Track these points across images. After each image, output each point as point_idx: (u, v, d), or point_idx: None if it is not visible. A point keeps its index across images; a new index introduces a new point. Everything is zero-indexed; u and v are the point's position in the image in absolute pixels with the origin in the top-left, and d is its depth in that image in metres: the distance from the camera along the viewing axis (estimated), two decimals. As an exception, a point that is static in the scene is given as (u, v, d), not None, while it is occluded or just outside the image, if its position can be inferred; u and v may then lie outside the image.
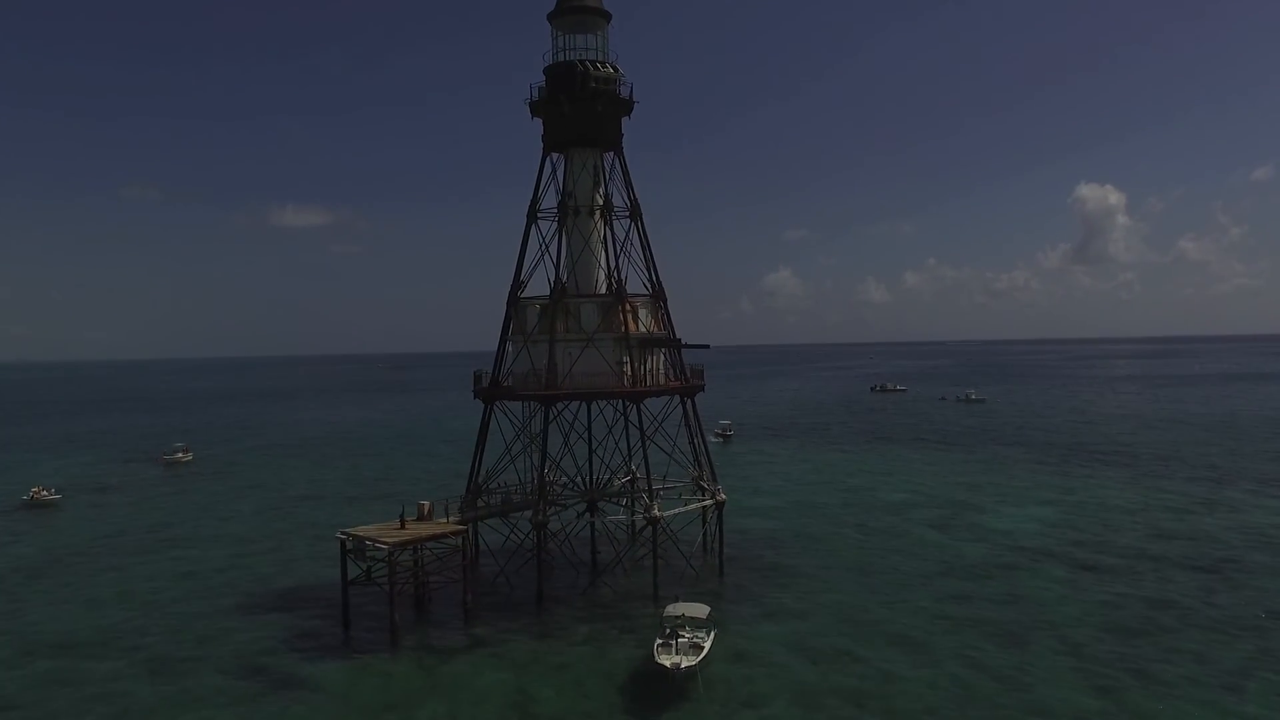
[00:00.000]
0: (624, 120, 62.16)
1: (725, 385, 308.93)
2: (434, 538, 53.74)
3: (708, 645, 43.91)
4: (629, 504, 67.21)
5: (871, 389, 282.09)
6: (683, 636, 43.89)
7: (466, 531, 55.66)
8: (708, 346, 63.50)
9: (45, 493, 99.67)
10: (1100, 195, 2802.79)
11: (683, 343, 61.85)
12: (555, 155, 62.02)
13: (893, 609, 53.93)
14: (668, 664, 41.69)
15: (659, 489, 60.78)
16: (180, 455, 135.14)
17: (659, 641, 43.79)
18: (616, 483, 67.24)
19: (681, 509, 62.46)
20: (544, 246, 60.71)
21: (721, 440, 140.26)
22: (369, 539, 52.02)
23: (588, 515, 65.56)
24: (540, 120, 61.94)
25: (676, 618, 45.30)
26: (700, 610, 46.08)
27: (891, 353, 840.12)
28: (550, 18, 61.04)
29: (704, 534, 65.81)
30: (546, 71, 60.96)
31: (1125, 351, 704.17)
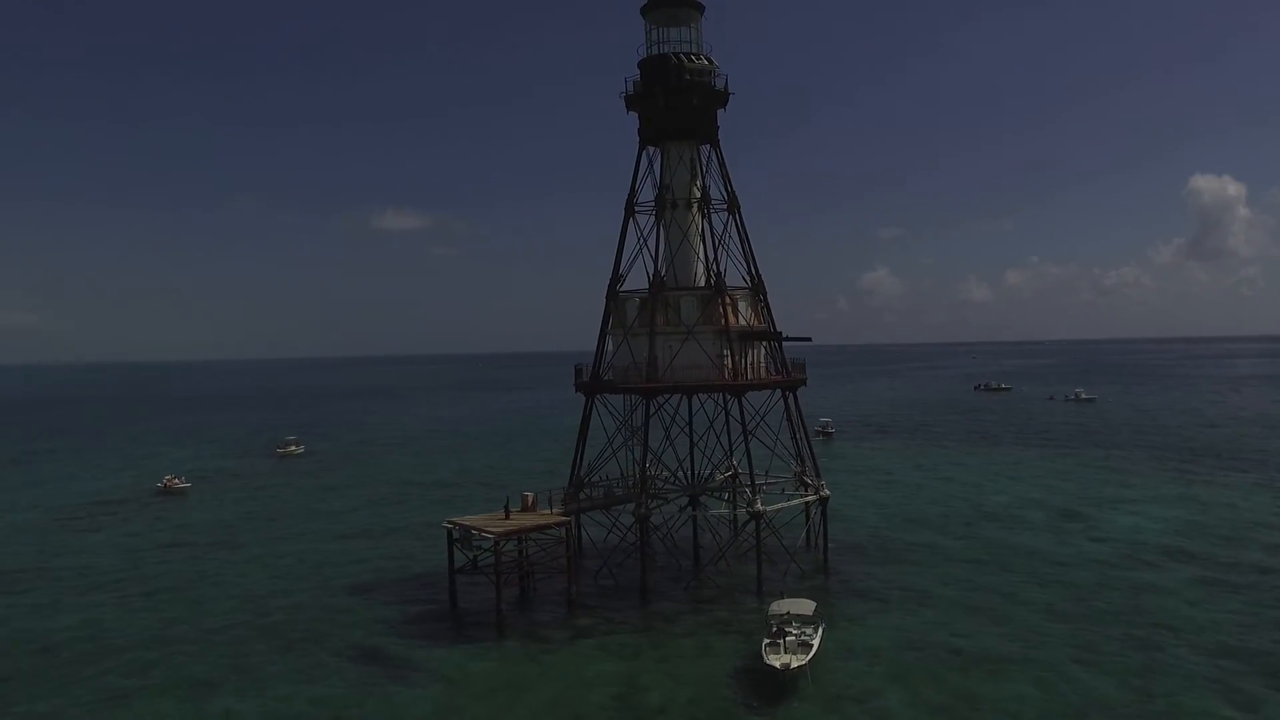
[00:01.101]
0: (719, 113, 61.97)
1: (824, 384, 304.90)
2: (538, 528, 54.46)
3: (816, 642, 43.17)
4: (731, 499, 66.92)
5: (974, 388, 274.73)
6: (790, 634, 43.26)
7: (569, 523, 56.23)
8: (809, 339, 62.84)
9: (177, 481, 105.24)
10: (1217, 187, 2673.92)
11: (784, 336, 61.21)
12: (651, 149, 62.12)
13: (1006, 609, 52.25)
14: (777, 664, 41.03)
15: (761, 484, 60.28)
16: (293, 448, 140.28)
17: (766, 641, 43.10)
18: (718, 477, 66.97)
19: (785, 504, 61.81)
20: (642, 240, 60.95)
21: (823, 438, 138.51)
22: (475, 528, 53.00)
23: (689, 509, 65.48)
24: (636, 114, 62.22)
25: (783, 614, 44.70)
26: (807, 606, 45.44)
27: (993, 352, 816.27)
28: (643, 11, 61.15)
29: (807, 530, 65.02)
30: (641, 65, 61.12)
31: (1248, 350, 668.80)
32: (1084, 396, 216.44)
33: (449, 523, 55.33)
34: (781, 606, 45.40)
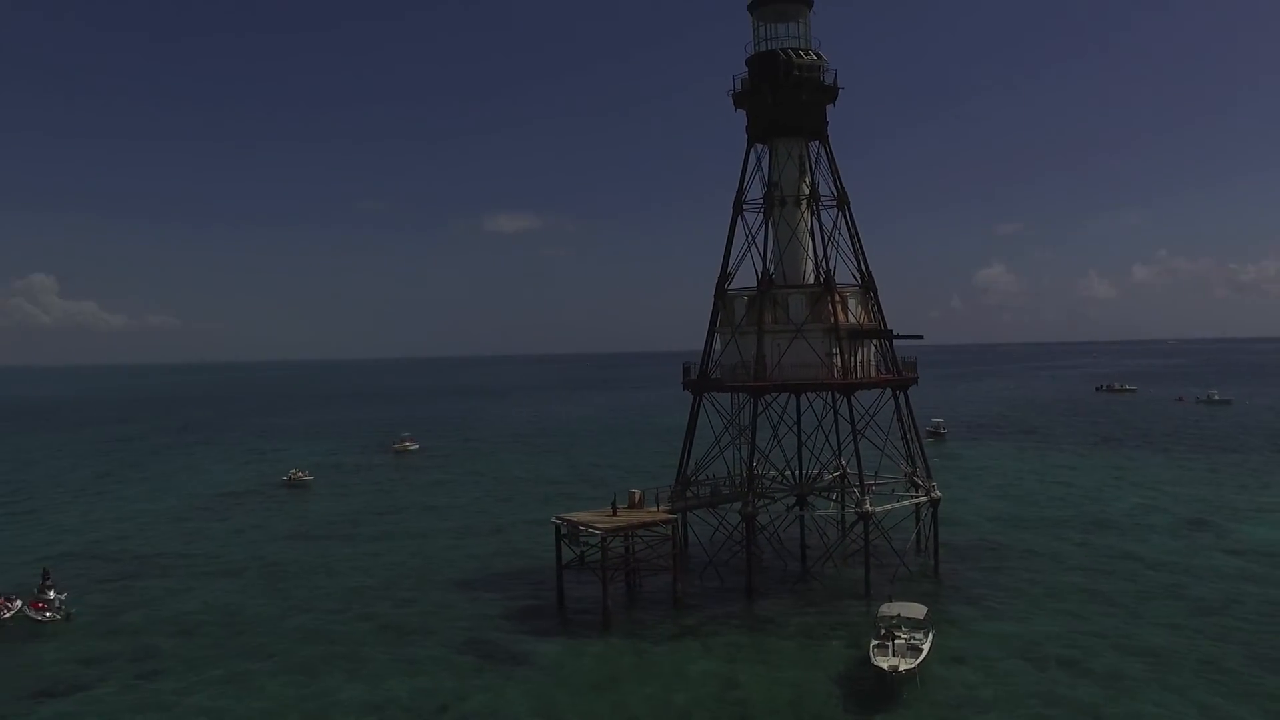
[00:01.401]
0: (828, 108, 61.17)
1: (937, 384, 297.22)
2: (645, 525, 54.80)
3: (926, 647, 42.23)
4: (839, 499, 65.97)
5: (1096, 389, 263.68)
6: (899, 637, 42.44)
7: (676, 520, 56.40)
8: (921, 338, 61.44)
9: (301, 474, 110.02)
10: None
11: (895, 334, 60.01)
12: (760, 146, 61.73)
13: (1128, 620, 49.98)
14: (885, 666, 40.40)
15: (870, 484, 59.27)
16: (407, 445, 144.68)
17: (874, 642, 42.49)
18: (827, 477, 66.15)
19: (894, 505, 60.61)
20: (750, 238, 60.62)
21: (934, 439, 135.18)
22: (583, 524, 53.70)
23: (797, 509, 64.87)
24: (744, 112, 61.94)
25: (892, 617, 43.87)
26: (917, 610, 44.49)
27: (1116, 351, 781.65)
28: (750, 8, 60.76)
29: (917, 532, 63.58)
30: (749, 62, 60.80)
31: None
32: (1217, 398, 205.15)
33: (557, 519, 56.24)
34: (891, 609, 44.57)
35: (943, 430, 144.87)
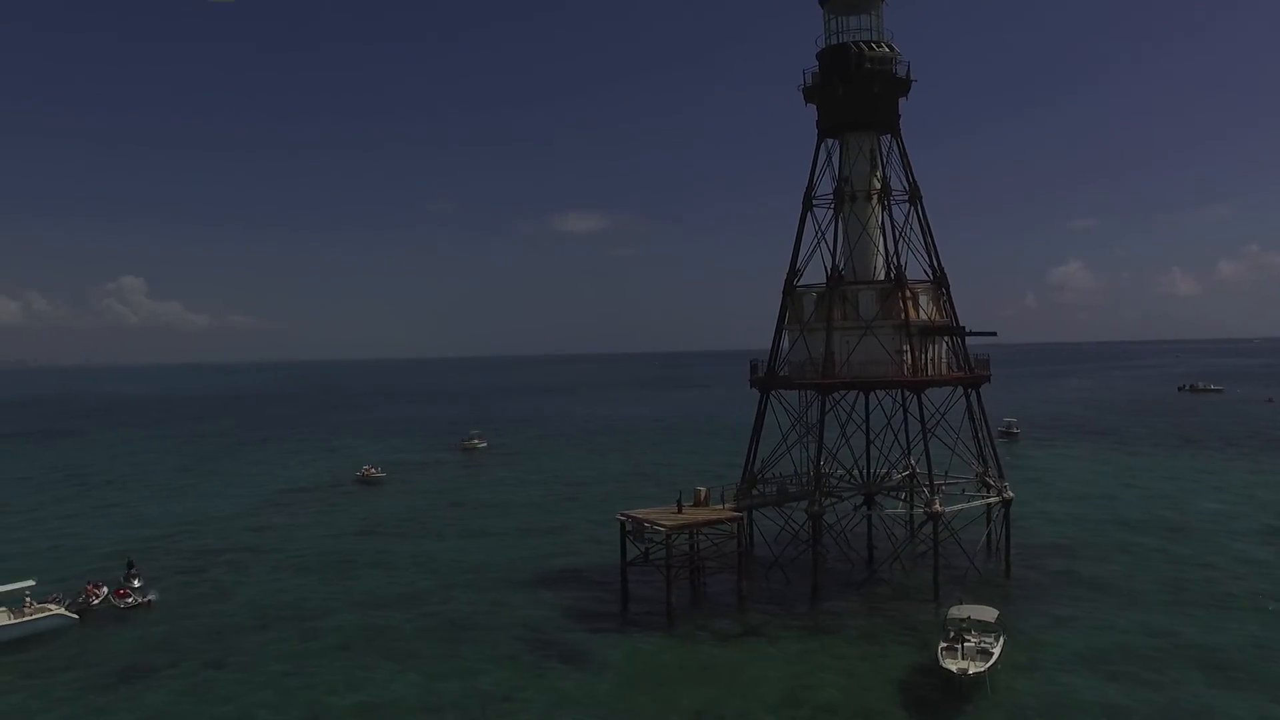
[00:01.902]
0: (901, 101, 60.12)
1: (1010, 383, 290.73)
2: (710, 523, 54.48)
3: (997, 651, 41.19)
4: (908, 499, 64.82)
5: (1179, 389, 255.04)
6: (969, 640, 41.47)
7: (742, 519, 55.96)
8: (994, 334, 59.98)
9: (374, 471, 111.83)
10: None
11: (967, 331, 58.73)
12: (830, 141, 60.91)
13: (1211, 632, 47.87)
14: (954, 669, 39.52)
15: (940, 484, 58.09)
16: (476, 442, 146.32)
17: (943, 645, 41.56)
18: (896, 476, 65.05)
19: (965, 505, 59.31)
20: (820, 233, 59.86)
21: (1006, 438, 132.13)
22: (647, 521, 53.60)
23: (864, 508, 63.91)
24: (814, 106, 61.17)
25: (962, 620, 42.84)
26: (988, 613, 43.35)
27: (1199, 350, 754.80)
28: (822, 1, 59.98)
29: (988, 534, 62.14)
30: (819, 56, 60.00)
31: None
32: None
33: (622, 515, 56.20)
34: (962, 611, 43.51)
35: (1015, 430, 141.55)
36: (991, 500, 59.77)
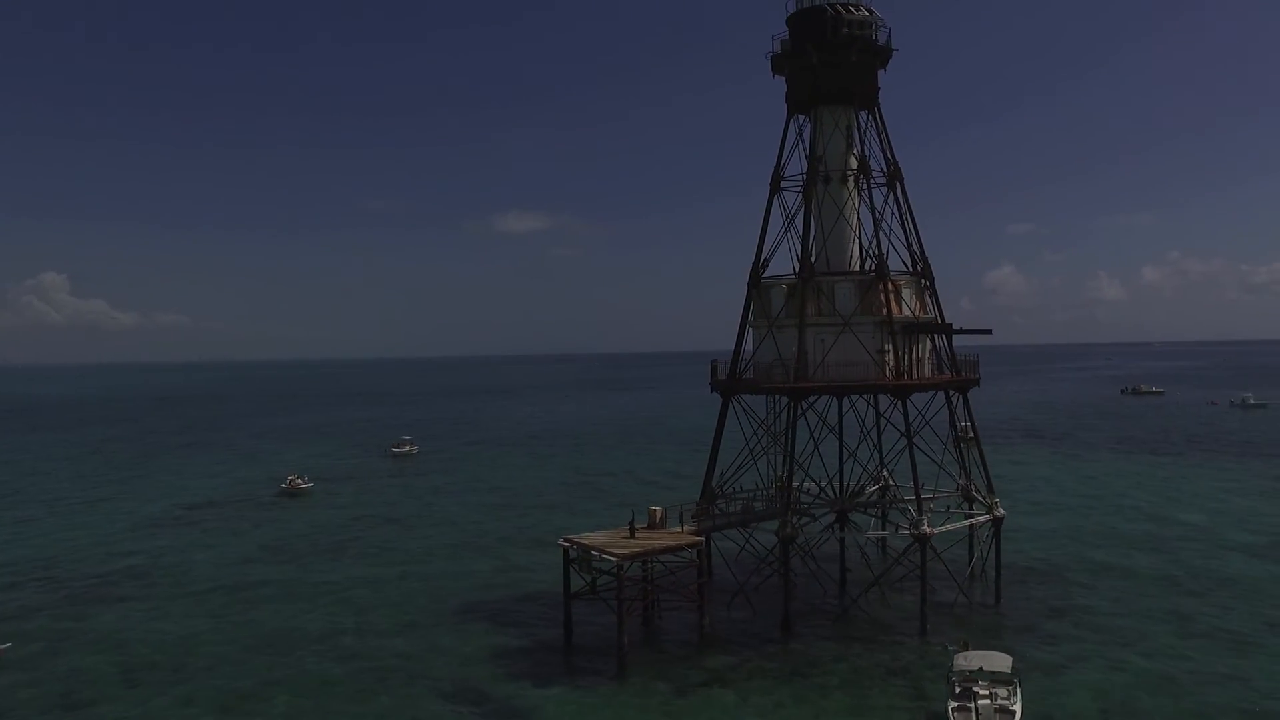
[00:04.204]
0: (879, 74, 53.70)
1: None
2: (668, 549, 47.17)
3: (1018, 709, 34.67)
4: (881, 515, 58.46)
5: (1121, 391, 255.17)
6: (982, 696, 34.84)
7: (702, 544, 48.81)
8: (989, 332, 53.84)
9: (300, 481, 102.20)
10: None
11: (956, 328, 52.43)
12: (801, 117, 54.26)
13: (1235, 664, 42.50)
14: None
15: (928, 498, 51.67)
16: (407, 448, 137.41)
17: (953, 705, 34.88)
18: (868, 490, 58.62)
19: (953, 525, 53.00)
20: (788, 220, 53.16)
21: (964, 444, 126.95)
22: (596, 548, 46.19)
23: (836, 528, 57.14)
24: (783, 80, 54.55)
25: (972, 671, 36.10)
26: (1002, 661, 36.74)
27: (1129, 353, 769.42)
28: (790, -35, 53.20)
29: (979, 554, 55.74)
30: (790, 20, 53.27)
31: None
32: (1252, 401, 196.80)
33: (566, 540, 48.67)
34: (970, 660, 36.85)
35: (972, 435, 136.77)
36: (981, 518, 53.51)
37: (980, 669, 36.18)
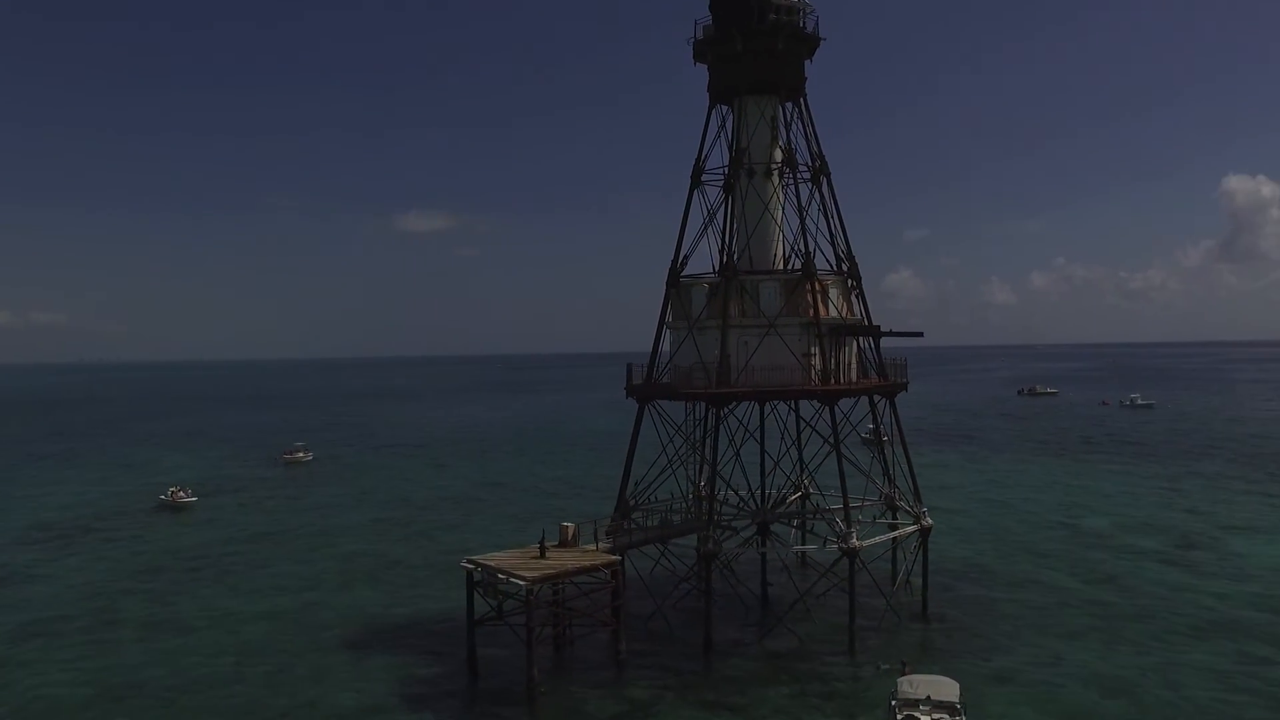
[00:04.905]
0: (806, 64, 51.20)
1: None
2: (582, 570, 43.41)
3: (969, 741, 32.19)
4: (800, 526, 55.96)
5: (1018, 392, 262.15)
6: (929, 726, 32.25)
7: (619, 563, 45.19)
8: (921, 335, 51.84)
9: (182, 494, 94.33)
10: (1251, 188, 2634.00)
11: (886, 331, 50.16)
12: (724, 107, 51.34)
13: (1167, 673, 41.47)
14: None
15: (855, 507, 49.19)
16: (300, 455, 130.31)
17: None
18: (788, 499, 56.01)
19: (881, 537, 50.70)
20: (709, 216, 50.11)
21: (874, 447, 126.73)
22: (503, 571, 42.16)
23: (758, 539, 54.20)
24: (704, 68, 51.61)
25: (918, 700, 33.48)
26: (949, 689, 34.23)
27: (1021, 355, 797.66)
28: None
29: (906, 565, 53.50)
30: (713, 5, 50.28)
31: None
32: (1140, 402, 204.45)
33: (469, 562, 44.43)
34: (914, 685, 34.21)
35: (886, 436, 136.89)
36: (910, 529, 51.31)
37: (928, 697, 33.55)
